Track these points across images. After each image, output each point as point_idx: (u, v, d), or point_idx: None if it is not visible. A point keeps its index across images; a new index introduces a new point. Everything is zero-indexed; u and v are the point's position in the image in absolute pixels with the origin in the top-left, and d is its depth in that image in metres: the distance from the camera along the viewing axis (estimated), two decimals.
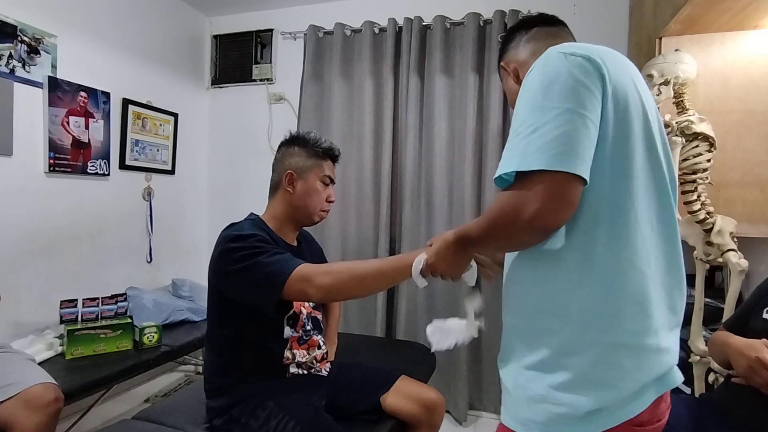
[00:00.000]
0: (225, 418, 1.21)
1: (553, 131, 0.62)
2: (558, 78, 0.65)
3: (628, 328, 0.66)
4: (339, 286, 1.04)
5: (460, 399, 2.26)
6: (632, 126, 0.67)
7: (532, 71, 0.69)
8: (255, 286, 1.09)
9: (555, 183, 0.62)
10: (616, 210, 0.66)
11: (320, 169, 1.32)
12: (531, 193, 0.62)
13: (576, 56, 0.65)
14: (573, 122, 0.63)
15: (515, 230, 0.66)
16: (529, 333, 0.73)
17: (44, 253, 1.98)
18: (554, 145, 0.62)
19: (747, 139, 1.63)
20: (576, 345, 0.67)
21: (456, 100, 2.36)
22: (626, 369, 0.66)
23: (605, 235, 0.66)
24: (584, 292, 0.67)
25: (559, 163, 0.61)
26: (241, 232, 1.16)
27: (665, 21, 1.61)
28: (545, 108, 0.64)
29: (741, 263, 1.43)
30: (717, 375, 1.46)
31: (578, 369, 0.67)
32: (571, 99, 0.63)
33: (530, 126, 0.64)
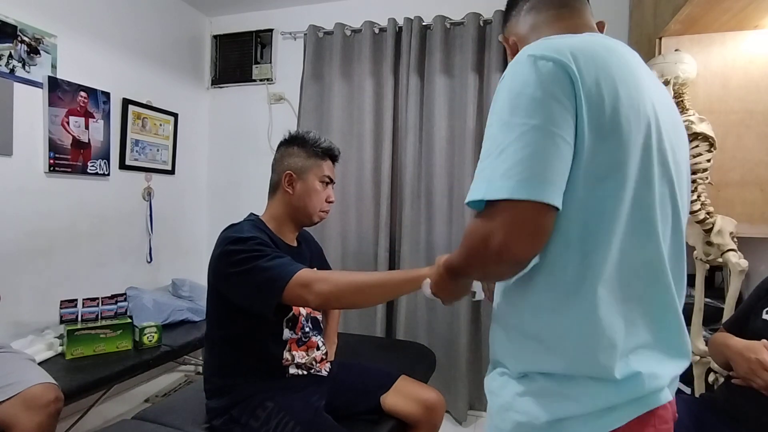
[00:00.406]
0: (225, 419, 1.21)
1: (518, 153, 0.57)
2: (525, 89, 0.59)
3: (595, 358, 0.61)
4: (337, 294, 1.05)
5: (460, 399, 2.26)
6: (619, 135, 0.59)
7: (504, 77, 0.63)
8: (254, 290, 1.10)
9: (521, 213, 0.57)
10: (589, 232, 0.60)
11: (319, 169, 1.32)
12: (496, 224, 0.57)
13: (546, 60, 0.59)
14: (540, 141, 0.57)
15: (487, 263, 0.62)
16: (504, 343, 0.72)
17: (44, 253, 1.98)
18: (519, 169, 0.56)
19: (747, 139, 1.63)
20: (542, 364, 0.65)
21: (456, 100, 2.36)
22: (591, 390, 0.62)
23: (576, 259, 0.61)
24: (552, 318, 0.64)
25: (524, 190, 0.56)
26: (241, 234, 1.16)
27: (665, 21, 1.61)
28: (511, 125, 0.58)
29: (741, 263, 1.43)
30: (717, 375, 1.46)
31: (541, 382, 0.65)
32: (538, 114, 0.57)
33: (498, 146, 0.59)
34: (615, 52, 0.64)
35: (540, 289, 0.64)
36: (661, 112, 0.65)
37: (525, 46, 0.66)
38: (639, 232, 0.63)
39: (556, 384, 0.64)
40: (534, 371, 0.66)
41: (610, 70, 0.61)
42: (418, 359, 1.78)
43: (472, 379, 2.32)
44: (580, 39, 0.64)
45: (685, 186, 0.71)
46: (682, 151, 0.70)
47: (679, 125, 0.72)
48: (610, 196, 0.60)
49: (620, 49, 0.66)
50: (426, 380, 1.66)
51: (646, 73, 0.68)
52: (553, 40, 0.63)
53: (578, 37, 0.65)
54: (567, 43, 0.61)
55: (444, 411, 1.45)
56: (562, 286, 0.62)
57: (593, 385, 0.62)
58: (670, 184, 0.66)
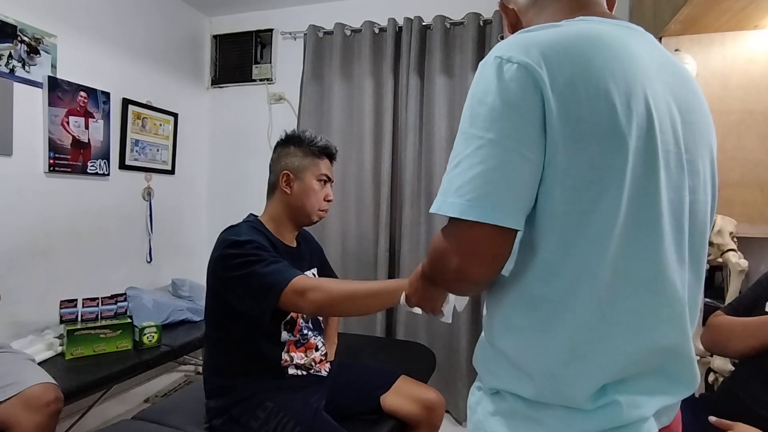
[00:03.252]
0: (224, 419, 1.21)
1: (472, 169, 0.52)
2: (485, 97, 0.53)
3: (566, 386, 0.56)
4: (330, 303, 1.06)
5: (460, 399, 2.26)
6: (603, 140, 0.52)
7: (474, 79, 0.57)
8: (251, 295, 1.10)
9: (474, 234, 0.53)
10: (570, 251, 0.54)
11: (316, 168, 1.31)
12: (451, 245, 0.55)
13: (511, 62, 0.52)
14: (495, 158, 0.51)
15: (448, 280, 0.60)
16: (481, 354, 0.68)
17: (44, 253, 1.98)
18: (470, 188, 0.52)
19: (747, 139, 1.63)
20: (512, 384, 0.61)
21: (456, 100, 2.36)
22: (561, 416, 0.57)
23: (554, 280, 0.55)
24: (522, 338, 0.58)
25: (474, 211, 0.51)
26: (239, 237, 1.15)
27: (665, 21, 1.61)
28: (468, 136, 0.54)
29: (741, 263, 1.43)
30: (717, 375, 1.46)
31: (512, 402, 0.61)
32: (495, 127, 0.52)
33: (456, 156, 0.55)
34: (602, 44, 0.55)
35: (511, 306, 0.59)
36: (682, 106, 0.58)
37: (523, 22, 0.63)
38: (638, 246, 0.55)
39: (526, 407, 0.59)
40: (505, 390, 0.62)
41: (592, 67, 0.52)
42: (418, 359, 1.78)
43: (472, 379, 2.31)
44: (560, 32, 0.55)
45: (708, 189, 0.63)
46: (701, 149, 0.61)
47: (701, 119, 0.63)
48: (595, 209, 0.52)
49: (613, 38, 0.56)
50: (426, 380, 1.66)
51: (654, 62, 0.59)
52: (526, 35, 0.56)
53: (559, 28, 0.56)
54: (540, 39, 0.54)
55: (444, 411, 1.45)
56: (536, 307, 0.57)
57: (564, 412, 0.57)
58: (681, 190, 0.57)
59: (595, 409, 0.56)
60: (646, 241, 0.55)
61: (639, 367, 0.58)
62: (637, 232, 0.54)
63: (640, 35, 0.62)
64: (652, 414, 0.58)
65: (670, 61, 0.63)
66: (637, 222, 0.54)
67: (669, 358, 0.60)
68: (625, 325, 0.56)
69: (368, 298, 1.05)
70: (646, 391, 0.58)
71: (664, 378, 0.60)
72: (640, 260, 0.55)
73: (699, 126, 0.62)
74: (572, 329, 0.55)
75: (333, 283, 1.13)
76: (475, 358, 0.69)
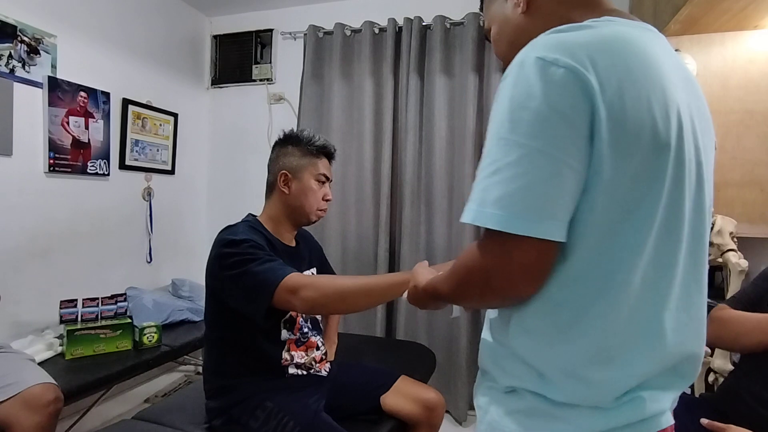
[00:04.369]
0: (224, 419, 1.21)
1: (516, 180, 0.49)
2: (529, 102, 0.49)
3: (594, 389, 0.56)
4: (322, 301, 1.05)
5: (460, 399, 2.26)
6: (647, 151, 0.51)
7: (507, 79, 0.53)
8: (245, 294, 1.10)
9: (523, 250, 0.50)
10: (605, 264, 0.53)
11: (315, 168, 1.31)
12: (493, 260, 0.52)
13: (557, 66, 0.49)
14: (543, 169, 0.49)
15: (486, 299, 0.58)
16: (493, 355, 0.65)
17: (44, 253, 1.98)
18: (515, 199, 0.49)
19: (747, 139, 1.63)
20: (534, 386, 0.59)
21: (456, 100, 2.36)
22: (587, 413, 0.57)
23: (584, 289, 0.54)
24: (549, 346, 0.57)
25: (520, 224, 0.48)
26: (235, 236, 1.15)
27: (665, 21, 1.61)
28: (510, 143, 0.50)
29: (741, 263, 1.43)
30: (717, 375, 1.46)
31: (531, 401, 0.60)
32: (542, 135, 0.49)
33: (492, 163, 0.51)
34: (638, 50, 0.53)
35: (527, 309, 0.57)
36: (695, 112, 0.58)
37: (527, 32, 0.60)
38: (664, 254, 0.55)
39: (549, 405, 0.58)
40: (523, 388, 0.60)
41: (634, 74, 0.51)
42: (418, 359, 1.78)
43: (472, 379, 2.31)
44: (597, 34, 0.53)
45: (711, 193, 0.63)
46: (709, 154, 0.61)
47: (708, 124, 0.63)
48: (633, 218, 0.52)
49: (644, 44, 0.55)
50: (426, 380, 1.66)
51: (673, 68, 0.57)
52: (564, 36, 0.52)
53: (594, 30, 0.54)
54: (581, 41, 0.51)
55: (444, 411, 1.44)
56: (554, 311, 0.55)
57: (590, 410, 0.57)
58: (699, 197, 0.58)
59: (621, 405, 0.57)
60: (671, 249, 0.56)
61: (660, 369, 0.59)
62: (664, 240, 0.55)
63: (658, 38, 0.61)
64: (668, 407, 0.60)
65: (681, 65, 0.63)
66: (666, 231, 0.54)
67: (685, 360, 0.61)
68: (650, 330, 0.56)
69: (359, 296, 1.03)
70: (663, 386, 0.59)
71: (677, 375, 0.61)
72: (665, 267, 0.56)
73: (707, 131, 0.62)
74: (599, 334, 0.55)
75: (326, 280, 1.11)
76: (483, 357, 0.68)
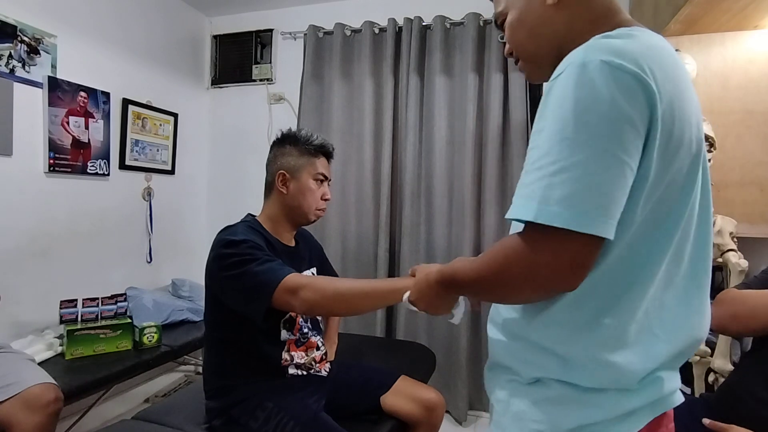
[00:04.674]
0: (224, 419, 1.21)
1: (584, 179, 0.50)
2: (597, 105, 0.51)
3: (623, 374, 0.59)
4: (322, 302, 1.04)
5: (460, 399, 2.26)
6: (682, 158, 0.55)
7: (562, 79, 0.54)
8: (244, 295, 1.09)
9: (576, 245, 0.51)
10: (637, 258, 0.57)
11: (313, 167, 1.30)
12: (545, 255, 0.53)
13: (624, 71, 0.51)
14: (609, 170, 0.50)
15: (523, 291, 0.58)
16: (513, 350, 0.67)
17: (44, 253, 1.98)
18: (583, 198, 0.50)
19: (747, 140, 1.63)
20: (562, 375, 0.62)
21: (456, 100, 2.36)
22: (615, 397, 0.60)
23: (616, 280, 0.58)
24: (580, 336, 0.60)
25: (588, 223, 0.50)
26: (234, 237, 1.15)
27: (665, 21, 1.61)
28: (577, 143, 0.51)
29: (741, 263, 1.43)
30: (717, 375, 1.46)
31: (559, 389, 0.62)
32: (610, 137, 0.50)
33: (555, 162, 0.52)
34: (676, 59, 0.57)
35: (570, 307, 0.59)
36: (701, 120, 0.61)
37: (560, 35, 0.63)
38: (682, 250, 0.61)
39: (578, 392, 0.61)
40: (550, 378, 0.63)
41: (678, 85, 0.55)
42: (418, 359, 1.78)
43: (472, 379, 2.31)
44: (647, 44, 0.55)
45: None
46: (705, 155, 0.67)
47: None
48: (665, 220, 0.57)
49: (674, 52, 0.59)
50: (426, 380, 1.66)
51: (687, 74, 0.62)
52: (622, 43, 0.54)
53: (638, 39, 0.56)
54: (638, 50, 0.53)
55: (444, 411, 1.44)
56: (580, 306, 0.58)
57: (616, 393, 0.60)
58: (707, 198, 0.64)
59: (644, 386, 0.61)
60: (684, 245, 0.61)
61: (674, 352, 0.63)
62: (685, 240, 0.60)
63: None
64: (678, 385, 0.65)
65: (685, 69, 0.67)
66: (685, 233, 0.60)
67: (690, 344, 0.65)
68: (672, 321, 0.61)
69: (358, 299, 1.02)
70: (674, 367, 0.65)
71: (682, 357, 0.65)
72: (682, 263, 0.61)
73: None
74: (625, 324, 0.58)
75: (326, 281, 1.09)
76: (498, 354, 0.69)
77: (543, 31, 0.67)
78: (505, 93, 2.29)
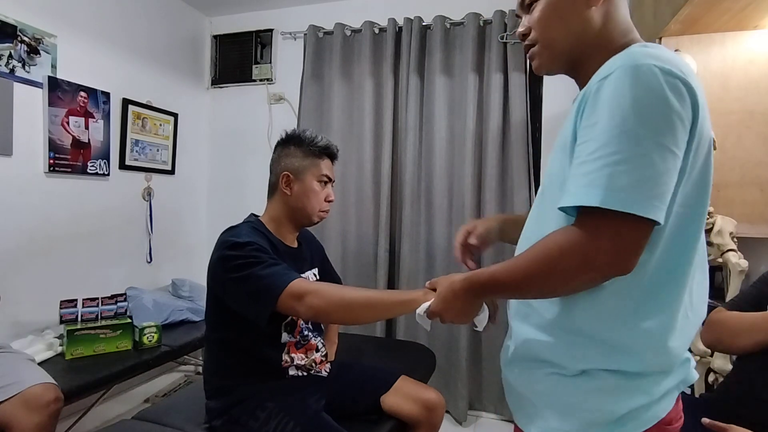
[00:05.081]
0: (224, 419, 1.21)
1: (646, 169, 0.55)
2: (655, 103, 0.56)
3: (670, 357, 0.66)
4: (327, 310, 1.03)
5: (460, 399, 2.26)
6: (705, 155, 0.63)
7: (614, 79, 0.59)
8: (249, 298, 1.09)
9: (638, 231, 0.56)
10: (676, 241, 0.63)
11: (317, 169, 1.30)
12: (605, 241, 0.57)
13: (674, 76, 0.57)
14: (666, 162, 0.56)
15: (575, 280, 0.60)
16: (554, 344, 0.69)
17: (44, 253, 1.98)
18: (647, 186, 0.55)
19: (747, 140, 1.63)
20: (611, 363, 0.66)
21: (456, 100, 2.36)
22: (659, 380, 0.66)
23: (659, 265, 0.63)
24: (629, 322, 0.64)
25: (651, 208, 0.55)
26: (239, 239, 1.14)
27: (665, 21, 1.61)
28: (638, 137, 0.56)
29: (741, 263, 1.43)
30: (717, 375, 1.46)
31: (608, 378, 0.66)
32: (667, 133, 0.56)
33: (615, 153, 0.56)
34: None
35: (619, 295, 0.63)
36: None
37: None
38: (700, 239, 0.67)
39: (627, 379, 0.65)
40: (597, 368, 0.66)
41: (703, 94, 0.62)
42: (418, 359, 1.78)
43: (472, 379, 2.31)
44: (677, 57, 0.63)
45: None
46: None
47: None
48: (696, 213, 0.64)
49: None
50: (426, 380, 1.66)
51: None
52: (662, 53, 0.61)
53: (669, 51, 0.64)
54: (679, 60, 0.60)
55: (444, 411, 1.44)
56: (626, 296, 0.63)
57: (659, 375, 0.66)
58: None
59: (679, 366, 0.68)
60: (702, 235, 0.67)
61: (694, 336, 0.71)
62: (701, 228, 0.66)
63: None
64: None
65: None
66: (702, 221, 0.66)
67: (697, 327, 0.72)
68: (697, 304, 0.69)
69: (364, 309, 1.01)
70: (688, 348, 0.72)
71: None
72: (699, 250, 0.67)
73: None
74: (669, 310, 0.64)
75: (333, 289, 1.08)
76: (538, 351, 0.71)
77: (575, 26, 0.71)
78: (505, 93, 2.29)
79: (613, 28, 0.71)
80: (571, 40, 0.72)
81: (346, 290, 1.07)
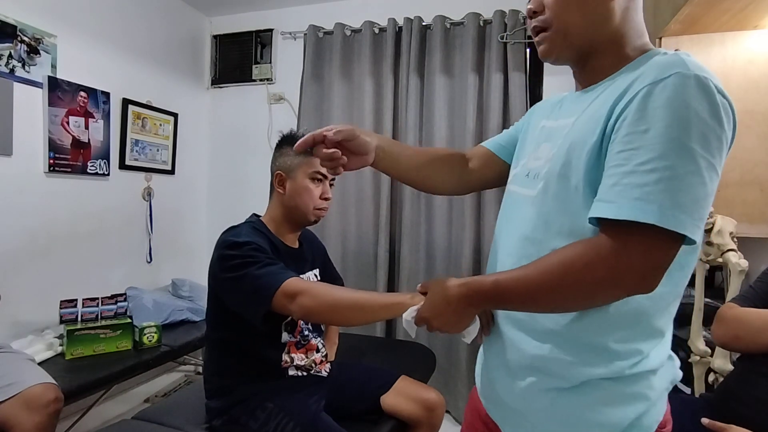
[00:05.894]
0: (224, 419, 1.21)
1: (698, 189, 0.53)
2: (713, 122, 0.54)
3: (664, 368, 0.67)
4: (318, 310, 1.03)
5: (460, 399, 2.26)
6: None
7: (672, 86, 0.55)
8: (244, 297, 1.09)
9: (672, 250, 0.55)
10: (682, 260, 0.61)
11: (308, 165, 1.28)
12: (637, 258, 0.54)
13: (724, 97, 0.56)
14: (713, 183, 0.55)
15: (598, 295, 0.58)
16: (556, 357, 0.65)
17: (44, 253, 1.98)
18: (697, 207, 0.53)
19: (747, 139, 1.63)
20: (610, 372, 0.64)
21: (456, 100, 2.36)
22: (656, 385, 0.66)
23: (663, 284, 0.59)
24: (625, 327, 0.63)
25: (696, 230, 0.54)
26: (237, 238, 1.14)
27: (665, 21, 1.61)
28: (693, 154, 0.53)
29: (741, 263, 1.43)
30: (717, 375, 1.46)
31: (611, 387, 0.64)
32: (716, 153, 0.55)
33: (671, 168, 0.53)
34: None
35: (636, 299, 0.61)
36: None
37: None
38: None
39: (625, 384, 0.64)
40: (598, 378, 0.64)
41: None
42: (418, 359, 1.78)
43: (472, 379, 2.31)
44: None
45: None
46: None
47: None
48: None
49: None
50: (426, 380, 1.66)
51: None
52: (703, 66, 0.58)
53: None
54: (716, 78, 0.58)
55: (444, 411, 1.44)
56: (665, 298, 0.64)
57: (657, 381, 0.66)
58: None
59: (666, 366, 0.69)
60: None
61: None
62: None
63: None
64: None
65: None
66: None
67: None
68: None
69: (353, 311, 1.00)
70: None
71: None
72: None
73: None
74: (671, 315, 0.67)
75: (326, 289, 1.07)
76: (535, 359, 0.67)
77: (596, 15, 0.67)
78: (505, 93, 2.29)
79: (630, 27, 0.68)
80: (589, 30, 0.67)
81: (337, 291, 1.06)
